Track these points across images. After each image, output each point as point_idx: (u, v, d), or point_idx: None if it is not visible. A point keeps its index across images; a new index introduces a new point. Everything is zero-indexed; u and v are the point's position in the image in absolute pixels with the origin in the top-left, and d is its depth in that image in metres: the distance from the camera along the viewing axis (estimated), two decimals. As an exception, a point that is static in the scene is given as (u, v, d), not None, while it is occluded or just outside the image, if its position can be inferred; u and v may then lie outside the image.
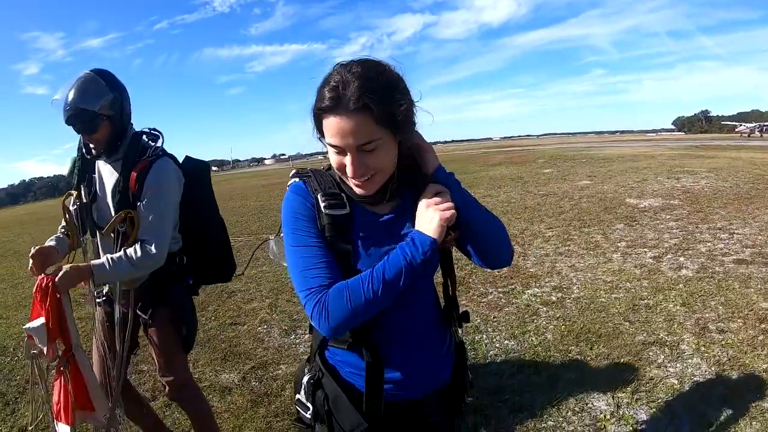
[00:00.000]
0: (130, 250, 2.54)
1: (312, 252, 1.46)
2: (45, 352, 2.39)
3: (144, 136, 2.73)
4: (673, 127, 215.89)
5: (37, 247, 2.57)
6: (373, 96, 1.30)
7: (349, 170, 1.39)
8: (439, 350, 1.70)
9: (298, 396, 1.73)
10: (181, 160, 2.85)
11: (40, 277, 2.44)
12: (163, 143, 2.74)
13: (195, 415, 3.14)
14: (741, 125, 71.13)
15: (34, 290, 2.42)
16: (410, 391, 1.63)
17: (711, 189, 12.06)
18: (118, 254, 2.53)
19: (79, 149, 2.73)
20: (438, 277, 1.73)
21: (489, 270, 6.95)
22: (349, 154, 1.37)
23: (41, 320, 2.36)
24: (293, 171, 1.64)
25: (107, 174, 2.68)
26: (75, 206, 2.77)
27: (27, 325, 2.40)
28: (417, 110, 1.46)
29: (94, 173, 2.72)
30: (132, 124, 2.72)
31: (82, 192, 2.74)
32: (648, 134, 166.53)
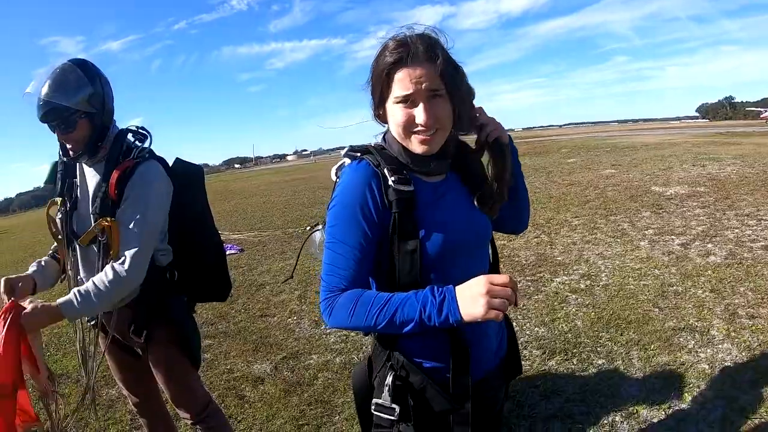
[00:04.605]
0: (99, 276, 2.19)
1: (345, 250, 1.48)
2: None
3: (129, 135, 2.40)
4: (697, 114, 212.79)
5: (3, 279, 2.26)
6: (437, 49, 1.41)
7: (421, 118, 1.41)
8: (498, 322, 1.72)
9: (376, 401, 1.61)
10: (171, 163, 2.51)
11: (9, 301, 2.11)
12: (150, 144, 2.41)
13: None
14: (766, 111, 69.91)
15: None
16: (482, 366, 1.65)
17: (737, 176, 11.88)
18: (86, 285, 2.17)
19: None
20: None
21: (514, 252, 7.02)
22: (421, 101, 1.41)
23: None
24: (347, 148, 1.62)
25: (89, 177, 2.36)
26: (60, 215, 2.42)
27: None
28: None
29: (75, 177, 2.40)
30: (115, 122, 2.38)
31: (66, 199, 2.40)
32: (671, 122, 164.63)
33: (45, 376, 2.16)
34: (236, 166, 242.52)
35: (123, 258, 2.20)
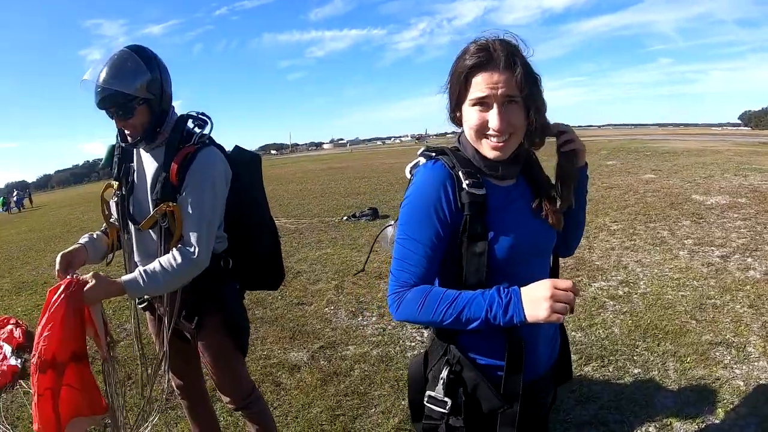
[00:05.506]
0: (166, 258, 2.24)
1: (417, 247, 1.53)
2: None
3: (190, 121, 2.41)
4: (740, 122, 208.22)
5: (60, 254, 2.32)
6: (518, 58, 1.44)
7: (494, 122, 1.45)
8: (555, 325, 1.76)
9: (430, 393, 1.67)
10: (229, 150, 2.55)
11: (66, 279, 2.11)
12: (211, 130, 2.40)
13: (259, 424, 2.78)
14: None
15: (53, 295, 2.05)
16: (535, 368, 1.68)
17: (780, 189, 11.63)
18: (152, 265, 2.23)
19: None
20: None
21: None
22: (495, 106, 1.45)
23: None
24: (422, 149, 1.68)
25: (147, 163, 2.37)
26: (115, 199, 2.45)
27: None
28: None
29: (132, 162, 2.42)
30: (173, 107, 2.40)
31: (122, 183, 2.42)
32: (713, 128, 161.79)
33: (105, 343, 2.23)
34: (272, 152, 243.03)
35: (190, 242, 2.25)
